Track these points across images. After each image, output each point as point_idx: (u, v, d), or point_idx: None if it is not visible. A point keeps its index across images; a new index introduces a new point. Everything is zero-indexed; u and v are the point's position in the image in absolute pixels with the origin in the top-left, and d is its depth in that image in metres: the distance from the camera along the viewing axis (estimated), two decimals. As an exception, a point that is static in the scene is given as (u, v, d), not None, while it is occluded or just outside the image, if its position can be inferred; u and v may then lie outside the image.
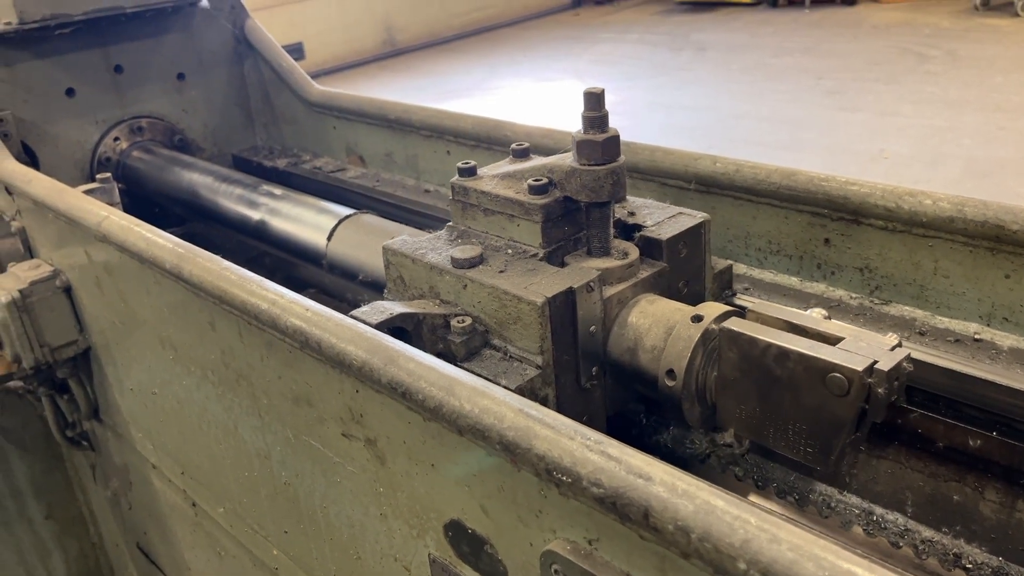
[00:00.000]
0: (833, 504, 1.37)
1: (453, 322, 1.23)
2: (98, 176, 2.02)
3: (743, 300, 1.50)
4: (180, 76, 2.75)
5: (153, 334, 1.64)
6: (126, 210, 1.69)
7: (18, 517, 2.53)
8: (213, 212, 2.37)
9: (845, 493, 1.38)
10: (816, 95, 9.17)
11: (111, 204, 1.77)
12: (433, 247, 1.35)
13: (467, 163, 1.39)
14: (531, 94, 10.31)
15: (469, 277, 1.24)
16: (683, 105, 9.32)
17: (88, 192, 1.87)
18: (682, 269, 1.36)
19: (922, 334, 1.36)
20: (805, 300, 1.49)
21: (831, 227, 1.49)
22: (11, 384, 2.20)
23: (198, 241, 1.46)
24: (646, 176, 1.71)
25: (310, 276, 2.18)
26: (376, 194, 2.31)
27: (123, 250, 1.56)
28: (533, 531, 0.91)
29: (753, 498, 1.44)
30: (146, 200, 2.63)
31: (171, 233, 1.50)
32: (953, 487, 1.27)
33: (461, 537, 1.04)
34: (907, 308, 1.42)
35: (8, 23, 2.28)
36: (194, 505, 1.84)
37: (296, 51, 11.56)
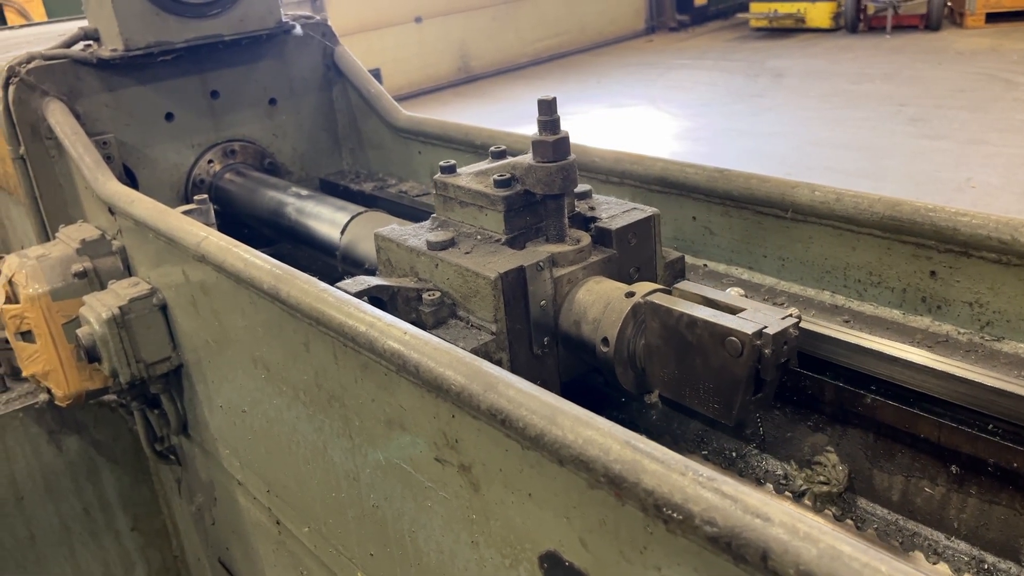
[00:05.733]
0: (940, 550, 1.31)
1: (424, 295, 1.44)
2: (195, 198, 2.08)
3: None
4: (272, 101, 2.83)
5: (245, 353, 1.67)
6: (218, 231, 1.73)
7: (106, 528, 2.60)
8: (299, 233, 2.41)
9: (953, 539, 1.31)
10: (898, 122, 8.93)
11: (208, 225, 1.81)
12: (415, 234, 1.55)
13: (448, 162, 1.58)
14: (605, 120, 10.28)
15: (440, 257, 1.45)
16: (760, 132, 9.18)
17: (186, 213, 1.93)
18: (633, 257, 1.52)
19: (1040, 373, 1.29)
20: (910, 335, 1.44)
21: (937, 259, 1.43)
22: (106, 397, 2.27)
23: (285, 261, 1.48)
24: (740, 204, 1.67)
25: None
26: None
27: (220, 270, 1.59)
28: (636, 568, 0.89)
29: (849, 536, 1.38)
30: (236, 221, 2.70)
31: (261, 253, 1.53)
32: (1075, 537, 1.20)
33: (557, 570, 1.02)
34: (1022, 346, 1.35)
35: (114, 50, 2.38)
36: (278, 523, 1.86)
37: (374, 76, 11.79)
